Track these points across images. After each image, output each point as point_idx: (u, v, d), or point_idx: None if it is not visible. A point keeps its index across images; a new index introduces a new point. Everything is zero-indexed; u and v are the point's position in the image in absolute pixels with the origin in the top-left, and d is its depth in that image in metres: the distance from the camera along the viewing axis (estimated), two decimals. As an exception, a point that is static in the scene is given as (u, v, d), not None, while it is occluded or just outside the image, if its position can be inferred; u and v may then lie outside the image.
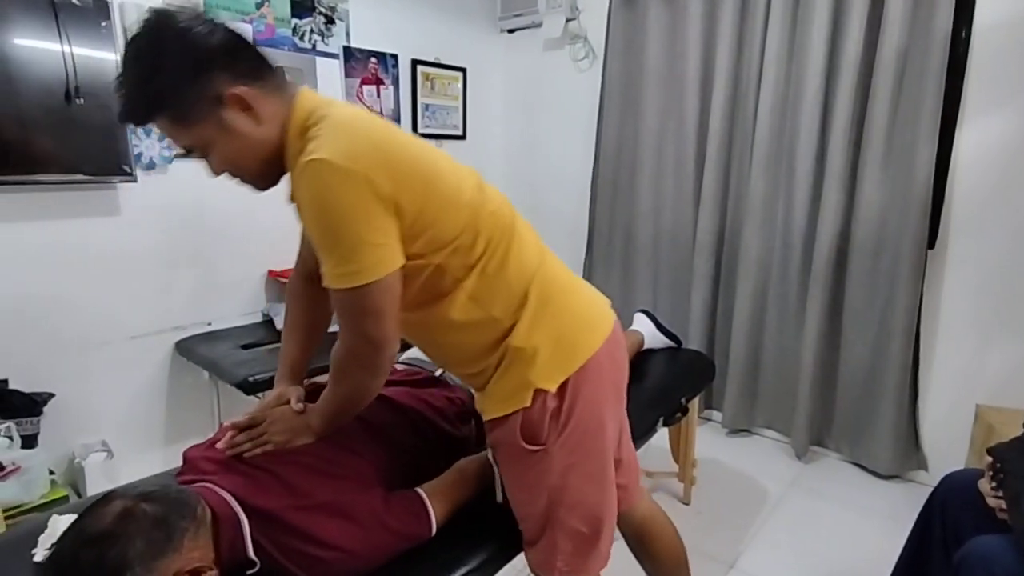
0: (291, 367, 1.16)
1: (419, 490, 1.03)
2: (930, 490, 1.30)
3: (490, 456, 1.09)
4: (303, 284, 1.15)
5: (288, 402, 1.06)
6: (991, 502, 1.11)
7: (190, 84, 0.81)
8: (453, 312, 0.94)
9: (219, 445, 1.00)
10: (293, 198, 0.89)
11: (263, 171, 0.91)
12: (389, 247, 0.83)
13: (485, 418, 1.04)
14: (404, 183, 0.83)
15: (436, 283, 0.93)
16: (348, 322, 0.89)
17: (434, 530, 1.00)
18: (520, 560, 1.10)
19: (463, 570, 0.99)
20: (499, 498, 1.09)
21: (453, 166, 0.95)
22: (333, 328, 1.00)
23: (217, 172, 0.91)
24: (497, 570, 1.06)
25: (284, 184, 0.95)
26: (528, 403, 0.96)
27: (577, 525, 1.02)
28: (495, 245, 0.95)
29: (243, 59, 0.85)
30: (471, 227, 0.92)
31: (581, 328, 1.01)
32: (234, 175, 0.92)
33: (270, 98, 0.87)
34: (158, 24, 0.81)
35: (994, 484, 1.11)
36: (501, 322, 0.96)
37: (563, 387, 0.97)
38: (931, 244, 2.12)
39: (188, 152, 0.88)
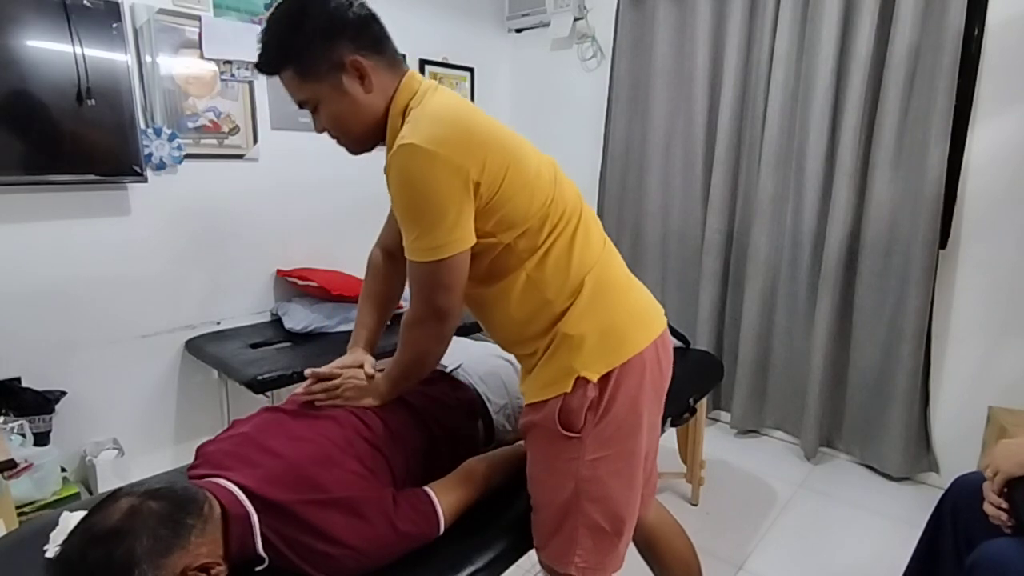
0: (365, 334, 1.25)
1: (427, 489, 1.03)
2: (941, 492, 1.28)
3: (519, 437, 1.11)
4: (384, 257, 1.26)
5: (362, 365, 1.14)
6: (990, 510, 1.10)
7: (319, 45, 0.92)
8: (513, 291, 1.00)
9: (298, 390, 1.11)
10: (387, 172, 0.94)
11: (361, 135, 1.01)
12: (464, 227, 0.90)
13: (525, 401, 1.06)
14: (486, 166, 0.89)
15: (502, 262, 0.98)
16: (421, 292, 0.96)
17: (442, 529, 1.01)
18: (526, 560, 1.10)
19: (470, 569, 0.99)
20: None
21: (535, 153, 1.01)
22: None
23: (320, 129, 1.01)
24: (504, 569, 1.06)
25: (286, 187, 0.99)
26: (569, 389, 0.97)
27: (599, 520, 1.02)
28: (560, 232, 0.99)
29: (368, 34, 0.96)
30: (542, 212, 0.97)
31: (631, 324, 1.03)
32: (334, 135, 1.01)
33: (383, 72, 0.97)
34: None
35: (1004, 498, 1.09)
36: (554, 306, 0.99)
37: (606, 379, 0.98)
38: (943, 244, 2.09)
39: (300, 105, 0.98)
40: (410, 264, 0.94)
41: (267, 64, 0.96)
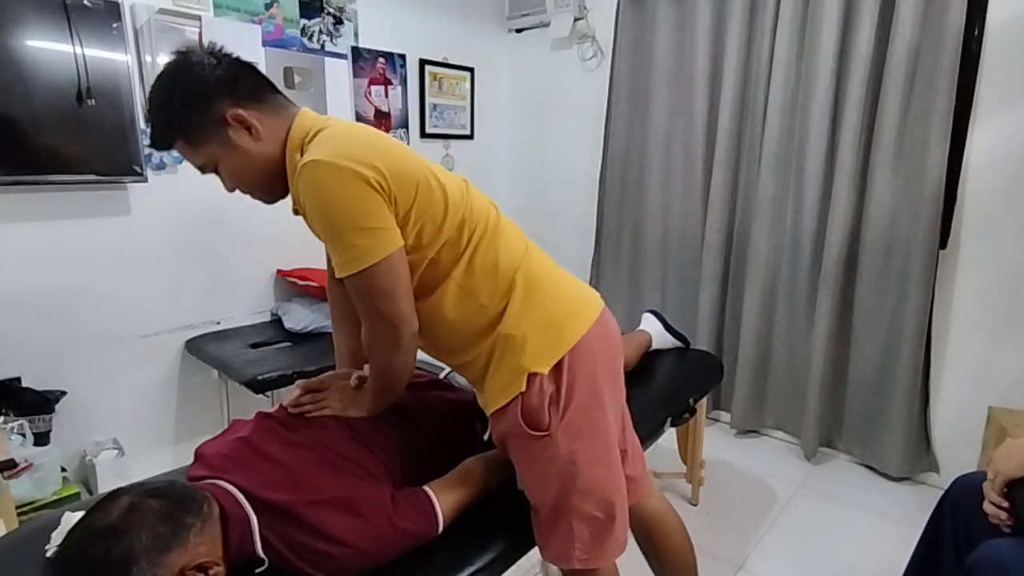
0: (349, 355, 1.28)
1: (426, 488, 1.03)
2: (941, 492, 1.29)
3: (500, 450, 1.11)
4: (337, 283, 1.24)
5: (350, 376, 1.17)
6: (990, 509, 1.10)
7: (196, 111, 0.94)
8: (445, 301, 1.01)
9: (285, 402, 1.12)
10: (296, 207, 1.00)
11: (266, 184, 1.02)
12: (386, 230, 0.90)
13: (488, 412, 1.07)
14: (396, 178, 0.91)
15: (430, 275, 1.00)
16: (363, 305, 0.96)
17: (441, 528, 1.01)
18: (527, 560, 1.10)
19: (470, 569, 0.99)
20: (519, 486, 1.11)
21: (441, 170, 1.04)
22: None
23: (229, 188, 1.03)
24: (504, 569, 1.06)
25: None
26: (523, 388, 0.99)
27: (591, 510, 1.03)
28: (480, 238, 1.01)
29: (243, 85, 0.97)
30: (457, 222, 0.99)
31: (567, 313, 1.04)
32: (243, 190, 1.03)
33: (269, 118, 0.98)
34: (172, 65, 0.96)
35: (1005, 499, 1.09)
36: (489, 309, 1.01)
37: (557, 371, 0.99)
38: (943, 244, 2.09)
39: (202, 171, 1.00)
40: (346, 282, 0.94)
41: (158, 142, 0.98)
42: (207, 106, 0.94)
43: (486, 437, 1.15)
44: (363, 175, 0.87)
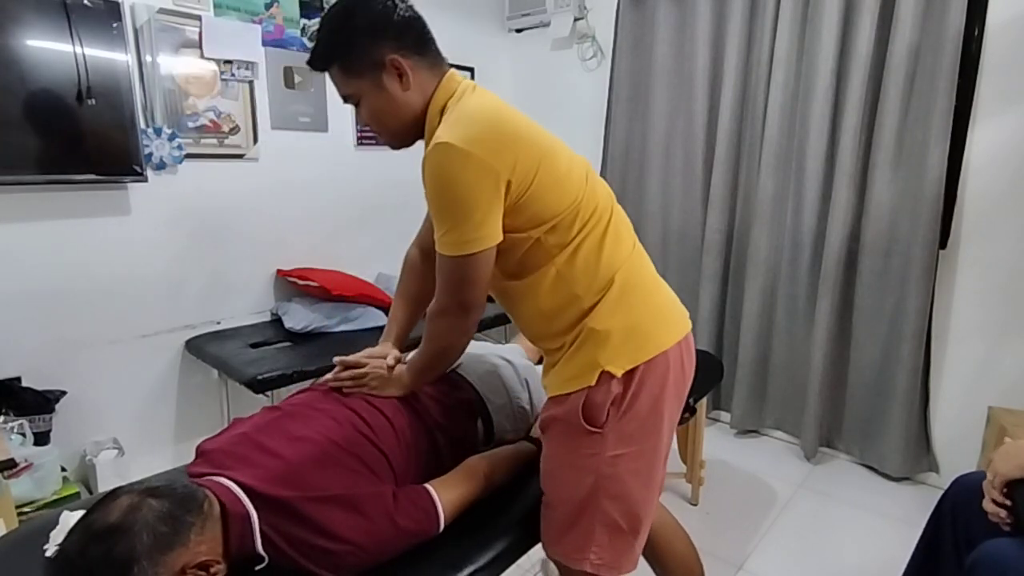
0: (396, 329, 1.29)
1: (427, 486, 1.03)
2: (941, 492, 1.29)
3: (536, 432, 1.12)
4: (420, 256, 1.28)
5: (386, 356, 1.19)
6: (989, 507, 1.10)
7: (362, 44, 0.98)
8: (542, 285, 1.02)
9: (326, 377, 1.17)
10: (423, 168, 0.98)
11: (399, 131, 1.06)
12: (491, 225, 0.93)
13: (548, 395, 1.07)
14: (517, 164, 0.92)
15: (532, 256, 1.01)
16: (447, 285, 1.00)
17: (442, 526, 1.01)
18: (526, 560, 1.10)
19: (471, 568, 0.99)
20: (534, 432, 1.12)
21: (567, 153, 1.03)
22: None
23: (362, 122, 1.06)
24: (505, 568, 1.06)
25: (287, 187, 1.02)
26: (594, 382, 0.99)
27: (617, 518, 1.02)
28: (591, 229, 1.01)
29: (410, 35, 1.00)
30: (572, 209, 0.99)
31: (657, 323, 1.04)
32: (374, 128, 1.07)
33: (422, 72, 1.01)
34: None
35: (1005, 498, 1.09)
36: (582, 301, 1.01)
37: (630, 375, 0.99)
38: (943, 244, 2.10)
39: (345, 100, 1.04)
40: (439, 257, 0.97)
41: (317, 60, 1.02)
42: (373, 44, 0.97)
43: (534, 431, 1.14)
44: (489, 166, 0.89)
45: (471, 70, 3.09)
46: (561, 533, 1.05)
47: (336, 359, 1.19)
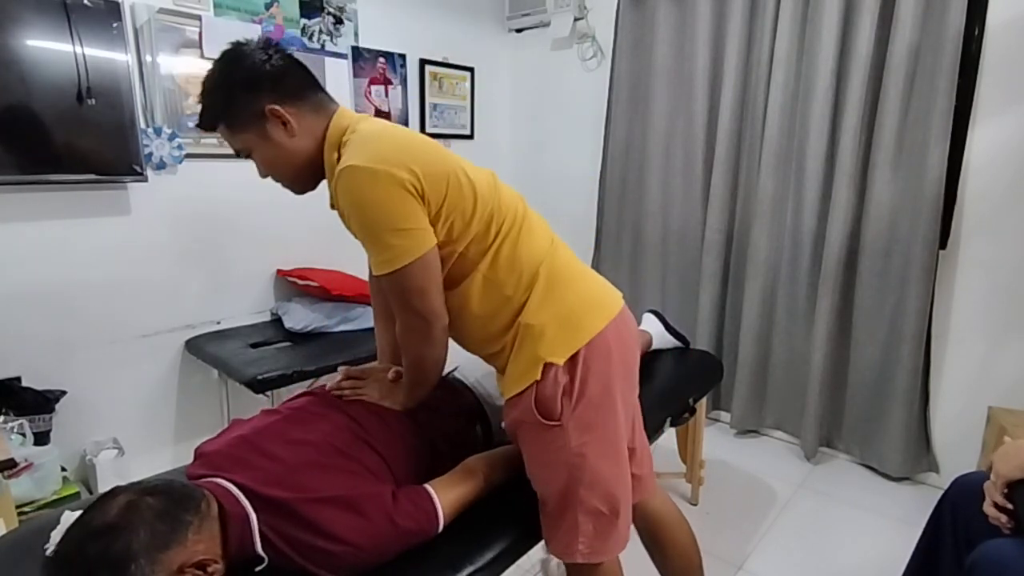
0: (389, 349, 1.33)
1: (427, 486, 1.04)
2: (941, 493, 1.29)
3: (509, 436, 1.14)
4: (377, 281, 1.28)
5: (389, 371, 1.22)
6: (990, 511, 1.10)
7: (240, 100, 1.00)
8: (472, 293, 1.04)
9: (327, 385, 1.19)
10: (334, 205, 1.03)
11: (296, 176, 1.08)
12: (420, 230, 0.95)
13: (505, 397, 1.09)
14: (425, 174, 0.94)
15: (458, 268, 1.03)
16: (397, 302, 1.02)
17: (441, 526, 1.01)
18: (527, 560, 1.10)
19: (470, 568, 0.99)
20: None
21: (470, 165, 1.07)
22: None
23: (262, 174, 1.08)
24: (504, 568, 1.06)
25: (288, 190, 1.09)
26: (539, 376, 1.00)
27: (597, 504, 1.05)
28: (506, 233, 1.05)
29: (288, 82, 1.02)
30: (486, 217, 1.02)
31: (587, 307, 1.06)
32: (274, 178, 1.09)
33: (307, 116, 1.03)
34: (227, 53, 1.02)
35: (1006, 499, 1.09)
36: (512, 301, 1.04)
37: (573, 363, 1.01)
38: (943, 245, 2.10)
39: (238, 154, 1.06)
40: (382, 280, 0.99)
41: (202, 121, 1.05)
42: (250, 97, 0.99)
43: (503, 425, 1.16)
44: (398, 178, 0.91)
45: (471, 70, 3.09)
46: (553, 529, 1.08)
47: (341, 368, 1.23)
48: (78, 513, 0.82)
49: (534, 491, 1.11)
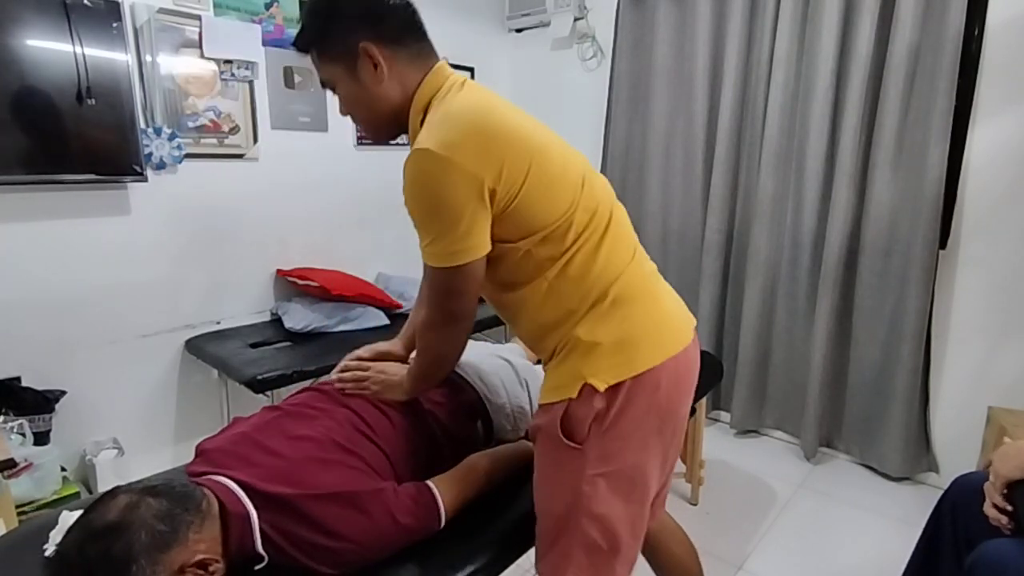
0: (411, 331, 1.27)
1: (429, 483, 1.03)
2: (941, 492, 1.29)
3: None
4: None
5: (390, 355, 1.22)
6: (991, 512, 1.10)
7: (338, 29, 0.95)
8: (535, 299, 0.97)
9: (332, 374, 1.18)
10: (404, 171, 0.95)
11: (373, 122, 1.02)
12: (478, 236, 0.89)
13: (539, 402, 1.03)
14: (503, 171, 0.87)
15: (523, 269, 0.96)
16: (434, 297, 0.98)
17: (443, 523, 1.01)
18: (526, 560, 1.10)
19: (470, 568, 0.99)
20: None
21: (562, 150, 0.97)
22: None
23: (341, 111, 1.03)
24: (503, 568, 1.06)
25: (286, 187, 1.02)
26: (575, 395, 0.93)
27: (597, 538, 0.97)
28: (586, 239, 0.95)
29: (388, 24, 0.95)
30: (566, 217, 0.93)
31: (650, 336, 0.96)
32: (353, 119, 1.04)
33: (402, 63, 0.96)
34: None
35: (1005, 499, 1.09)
36: (575, 314, 0.96)
37: (614, 391, 0.93)
38: (943, 244, 2.09)
39: (323, 85, 1.02)
40: (425, 267, 0.95)
41: (298, 40, 1.00)
42: (347, 31, 0.94)
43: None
44: (474, 175, 0.84)
45: (471, 70, 3.09)
46: (544, 549, 1.02)
47: (349, 355, 1.22)
48: (77, 513, 0.82)
49: (532, 494, 1.09)
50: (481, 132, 0.87)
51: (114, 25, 1.83)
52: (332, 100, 1.03)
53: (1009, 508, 1.07)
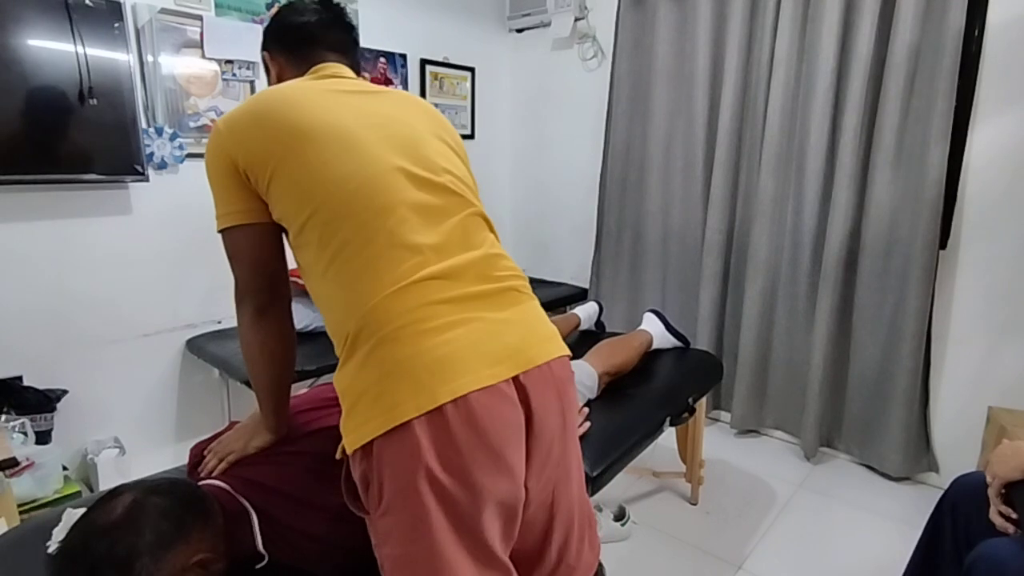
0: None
1: None
2: (941, 492, 1.29)
3: None
4: None
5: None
6: (996, 519, 1.10)
7: (263, 41, 1.09)
8: (318, 302, 0.88)
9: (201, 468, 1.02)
10: None
11: None
12: (232, 205, 0.90)
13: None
14: (252, 156, 0.85)
15: (301, 262, 0.89)
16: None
17: None
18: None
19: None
20: None
21: (364, 139, 0.85)
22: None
23: None
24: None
25: None
26: (340, 454, 0.81)
27: None
28: (341, 249, 0.81)
29: (291, 38, 1.04)
30: (331, 218, 0.81)
31: (408, 380, 0.74)
32: None
33: (288, 68, 1.04)
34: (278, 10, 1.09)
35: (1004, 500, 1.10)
36: (335, 337, 0.84)
37: (366, 455, 0.75)
38: (943, 245, 2.10)
39: None
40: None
41: None
42: (263, 40, 1.08)
43: None
44: (226, 153, 0.86)
45: (472, 70, 3.09)
46: None
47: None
48: (80, 511, 0.83)
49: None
50: (252, 113, 0.87)
51: (116, 25, 1.84)
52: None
53: (1014, 515, 1.07)
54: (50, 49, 1.72)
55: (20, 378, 1.85)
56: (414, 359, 0.75)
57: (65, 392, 1.90)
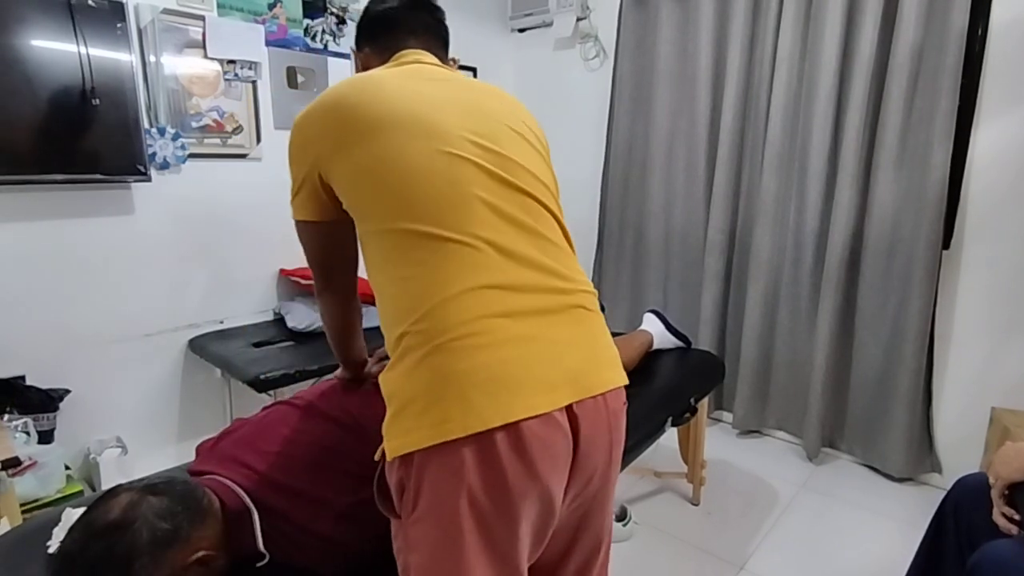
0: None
1: None
2: (943, 493, 1.29)
3: None
4: None
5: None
6: (1000, 521, 1.10)
7: (357, 35, 1.09)
8: (379, 301, 0.86)
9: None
10: None
11: None
12: (302, 200, 0.91)
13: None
14: (328, 143, 0.83)
15: (367, 258, 0.88)
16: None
17: None
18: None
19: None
20: None
21: (437, 128, 0.80)
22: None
23: None
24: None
25: (289, 187, 0.97)
26: (379, 456, 0.79)
27: None
28: (425, 246, 0.77)
29: (374, 27, 1.05)
30: (394, 208, 0.79)
31: (470, 393, 0.72)
32: None
33: (373, 58, 1.05)
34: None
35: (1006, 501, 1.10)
36: (388, 336, 0.81)
37: (407, 462, 0.73)
38: (946, 245, 2.09)
39: None
40: None
41: None
42: (358, 36, 1.08)
43: None
44: (308, 144, 0.87)
45: (474, 70, 3.09)
46: None
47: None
48: (80, 511, 0.83)
49: None
50: (328, 105, 0.84)
51: (118, 26, 1.84)
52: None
53: (1017, 517, 1.07)
54: (53, 50, 1.73)
55: (23, 378, 1.85)
56: (467, 376, 0.72)
57: (67, 392, 1.91)
